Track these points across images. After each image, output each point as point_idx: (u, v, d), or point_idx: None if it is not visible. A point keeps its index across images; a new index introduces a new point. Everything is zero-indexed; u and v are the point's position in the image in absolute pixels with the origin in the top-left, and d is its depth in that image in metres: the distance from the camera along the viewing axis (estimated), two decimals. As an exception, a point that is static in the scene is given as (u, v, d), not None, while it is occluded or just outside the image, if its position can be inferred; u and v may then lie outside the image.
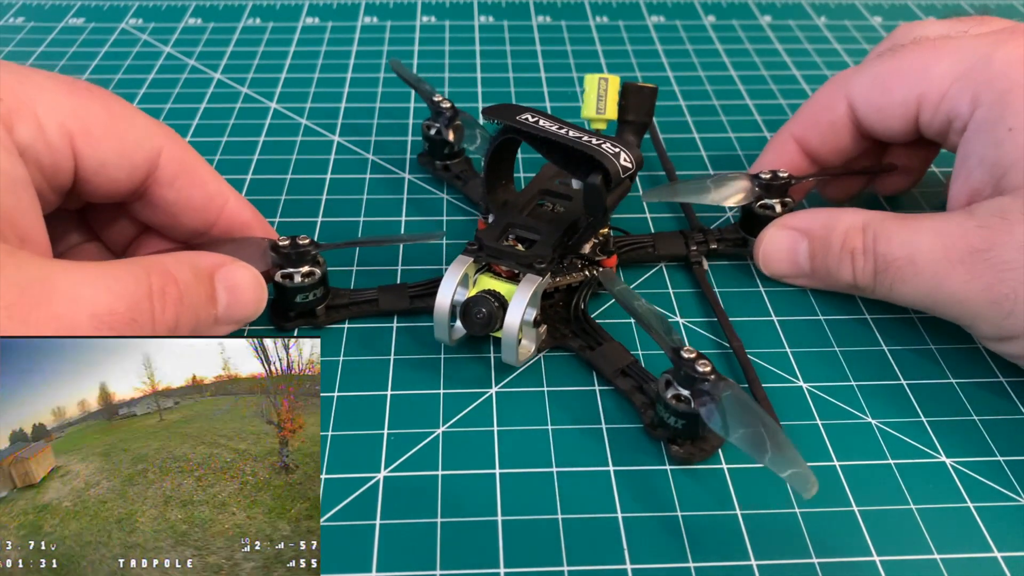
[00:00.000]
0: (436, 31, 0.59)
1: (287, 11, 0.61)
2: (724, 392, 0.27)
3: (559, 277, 0.33)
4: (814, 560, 0.26)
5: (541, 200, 0.36)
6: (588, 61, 0.55)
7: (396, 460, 0.29)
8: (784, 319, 0.35)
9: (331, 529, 0.27)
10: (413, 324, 0.35)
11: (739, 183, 0.37)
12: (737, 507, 0.28)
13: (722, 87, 0.52)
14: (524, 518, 0.28)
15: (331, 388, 0.32)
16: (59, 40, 0.57)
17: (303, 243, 0.33)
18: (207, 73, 0.53)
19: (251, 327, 0.34)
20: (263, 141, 0.46)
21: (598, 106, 0.35)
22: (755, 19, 0.61)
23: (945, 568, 0.26)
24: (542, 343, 0.33)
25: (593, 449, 0.30)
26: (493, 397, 0.32)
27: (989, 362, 0.33)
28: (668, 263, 0.38)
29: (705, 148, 0.46)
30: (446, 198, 0.42)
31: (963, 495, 0.28)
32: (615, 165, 0.31)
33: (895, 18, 0.61)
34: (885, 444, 0.30)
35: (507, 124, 0.32)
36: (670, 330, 0.30)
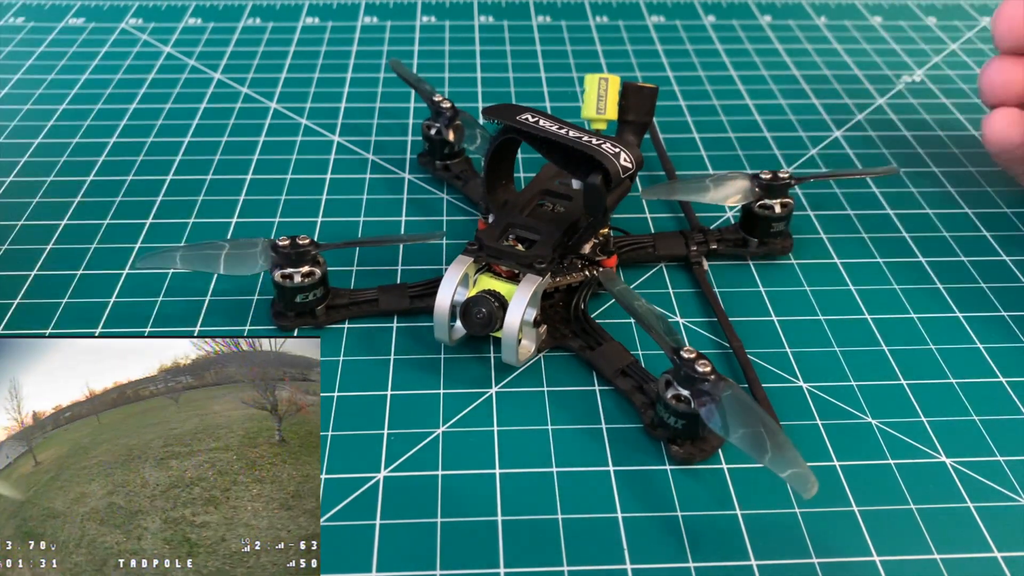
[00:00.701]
0: (436, 31, 0.59)
1: (287, 11, 0.61)
2: (724, 392, 0.27)
3: (559, 277, 0.33)
4: (814, 560, 0.26)
5: (541, 200, 0.36)
6: (588, 61, 0.55)
7: (396, 460, 0.29)
8: (784, 319, 0.35)
9: (331, 529, 0.27)
10: (413, 324, 0.35)
11: (739, 183, 0.37)
12: (737, 507, 0.28)
13: (722, 87, 0.52)
14: (524, 518, 0.28)
15: (331, 388, 0.32)
16: (59, 40, 0.57)
17: (303, 243, 0.33)
18: (207, 73, 0.53)
19: (251, 327, 0.34)
20: (263, 141, 0.46)
21: (598, 106, 0.35)
22: (755, 19, 0.61)
23: (945, 568, 0.26)
24: (542, 343, 0.33)
25: (593, 449, 0.30)
26: (493, 397, 0.32)
27: (989, 362, 0.33)
28: (668, 263, 0.38)
29: (705, 148, 0.46)
30: (446, 198, 0.42)
31: (963, 495, 0.28)
32: (615, 165, 0.31)
33: (895, 18, 0.61)
34: (885, 444, 0.30)
35: (507, 124, 0.32)
36: (670, 330, 0.30)
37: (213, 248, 0.34)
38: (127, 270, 0.37)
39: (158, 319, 0.35)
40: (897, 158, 0.46)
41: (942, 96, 0.51)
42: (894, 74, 0.54)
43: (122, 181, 0.43)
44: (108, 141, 0.46)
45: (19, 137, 0.47)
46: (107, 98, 0.50)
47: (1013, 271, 0.38)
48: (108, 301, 0.36)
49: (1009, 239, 0.40)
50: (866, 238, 0.40)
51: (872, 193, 0.43)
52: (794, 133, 0.48)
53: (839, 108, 0.50)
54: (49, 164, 0.44)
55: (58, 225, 0.40)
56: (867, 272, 0.38)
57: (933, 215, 0.41)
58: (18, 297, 0.36)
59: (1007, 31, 0.37)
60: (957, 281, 0.37)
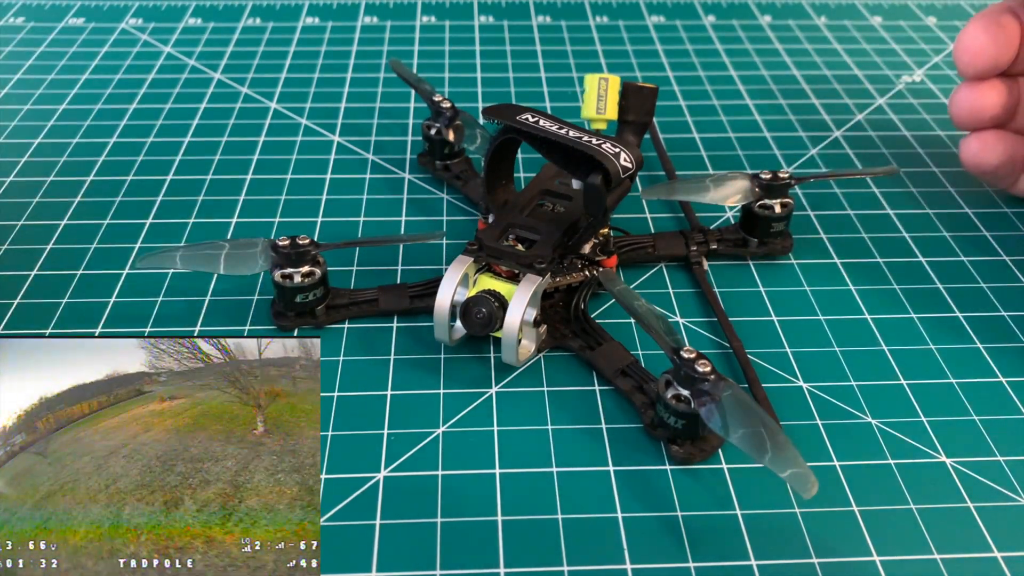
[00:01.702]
0: (436, 31, 0.59)
1: (287, 11, 0.61)
2: (724, 392, 0.27)
3: (559, 277, 0.33)
4: (814, 560, 0.26)
5: (541, 200, 0.36)
6: (588, 61, 0.55)
7: (396, 460, 0.29)
8: (784, 319, 0.35)
9: (331, 529, 0.27)
10: (413, 324, 0.35)
11: (739, 183, 0.37)
12: (737, 507, 0.28)
13: (722, 87, 0.52)
14: (524, 518, 0.28)
15: (331, 388, 0.32)
16: (59, 40, 0.57)
17: (303, 243, 0.33)
18: (207, 73, 0.53)
19: (251, 327, 0.34)
20: (263, 141, 0.46)
21: (598, 106, 0.35)
22: (755, 19, 0.61)
23: (945, 568, 0.26)
24: (542, 343, 0.33)
25: (593, 449, 0.30)
26: (493, 397, 0.32)
27: (989, 362, 0.33)
28: (668, 263, 0.38)
29: (705, 148, 0.46)
30: (446, 198, 0.42)
31: (963, 495, 0.28)
32: (615, 165, 0.31)
33: (895, 18, 0.61)
34: (885, 444, 0.30)
35: (507, 124, 0.32)
36: (670, 330, 0.30)
37: (213, 248, 0.34)
38: (127, 270, 0.37)
39: (158, 319, 0.35)
40: (897, 158, 0.45)
41: (942, 96, 0.51)
42: (894, 74, 0.54)
43: (122, 181, 0.43)
44: (108, 141, 0.46)
45: (19, 137, 0.47)
46: (107, 98, 0.50)
47: (1013, 271, 0.38)
48: (108, 301, 0.36)
49: (1009, 239, 0.40)
50: (866, 238, 0.40)
51: (872, 193, 0.43)
52: (794, 133, 0.48)
53: (839, 108, 0.50)
54: (49, 164, 0.44)
55: (58, 225, 0.40)
56: (867, 272, 0.38)
57: (933, 215, 0.41)
58: (18, 297, 0.36)
59: (969, 60, 0.37)
60: (957, 281, 0.37)
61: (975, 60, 0.37)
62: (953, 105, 0.39)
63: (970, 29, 0.37)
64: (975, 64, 0.37)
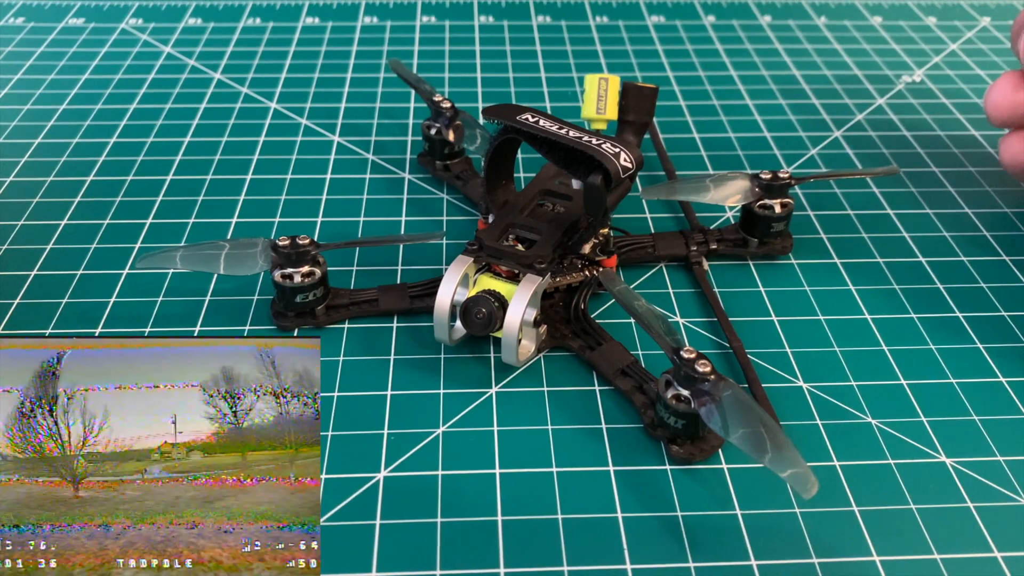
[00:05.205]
0: (436, 31, 0.59)
1: (287, 11, 0.61)
2: (724, 392, 0.27)
3: (559, 277, 0.33)
4: (814, 560, 0.26)
5: (541, 200, 0.36)
6: (588, 61, 0.55)
7: (396, 460, 0.29)
8: (784, 319, 0.35)
9: (331, 529, 0.27)
10: (413, 324, 0.35)
11: (739, 183, 0.37)
12: (737, 507, 0.28)
13: (722, 87, 0.52)
14: (524, 518, 0.28)
15: (331, 388, 0.32)
16: (59, 40, 0.57)
17: (303, 243, 0.33)
18: (207, 73, 0.53)
19: (251, 327, 0.34)
20: (263, 141, 0.46)
21: (598, 106, 0.35)
22: (755, 19, 0.61)
23: (945, 568, 0.26)
24: (542, 343, 0.33)
25: (593, 449, 0.30)
26: (493, 397, 0.32)
27: (989, 362, 0.33)
28: (668, 263, 0.38)
29: (705, 148, 0.46)
30: (446, 198, 0.42)
31: (963, 495, 0.28)
32: (615, 165, 0.31)
33: (895, 18, 0.61)
34: (885, 444, 0.30)
35: (507, 124, 0.32)
36: (670, 330, 0.30)
37: (213, 248, 0.34)
38: (127, 270, 0.37)
39: (158, 319, 0.35)
40: (897, 158, 0.46)
41: (942, 96, 0.51)
42: (894, 74, 0.54)
43: (122, 181, 0.43)
44: (108, 141, 0.46)
45: (19, 137, 0.47)
46: (107, 98, 0.50)
47: (1013, 271, 0.38)
48: (108, 301, 0.36)
49: (1009, 239, 0.40)
50: (866, 238, 0.40)
51: (872, 193, 0.43)
52: (794, 133, 0.48)
53: (839, 108, 0.50)
54: (49, 164, 0.44)
55: (58, 225, 0.40)
56: (867, 272, 0.38)
57: (933, 215, 0.41)
58: (18, 297, 0.36)
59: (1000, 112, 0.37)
60: (957, 281, 0.37)
61: (1004, 111, 0.36)
62: (989, 101, 0.37)
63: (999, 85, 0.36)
64: (1004, 115, 0.36)
